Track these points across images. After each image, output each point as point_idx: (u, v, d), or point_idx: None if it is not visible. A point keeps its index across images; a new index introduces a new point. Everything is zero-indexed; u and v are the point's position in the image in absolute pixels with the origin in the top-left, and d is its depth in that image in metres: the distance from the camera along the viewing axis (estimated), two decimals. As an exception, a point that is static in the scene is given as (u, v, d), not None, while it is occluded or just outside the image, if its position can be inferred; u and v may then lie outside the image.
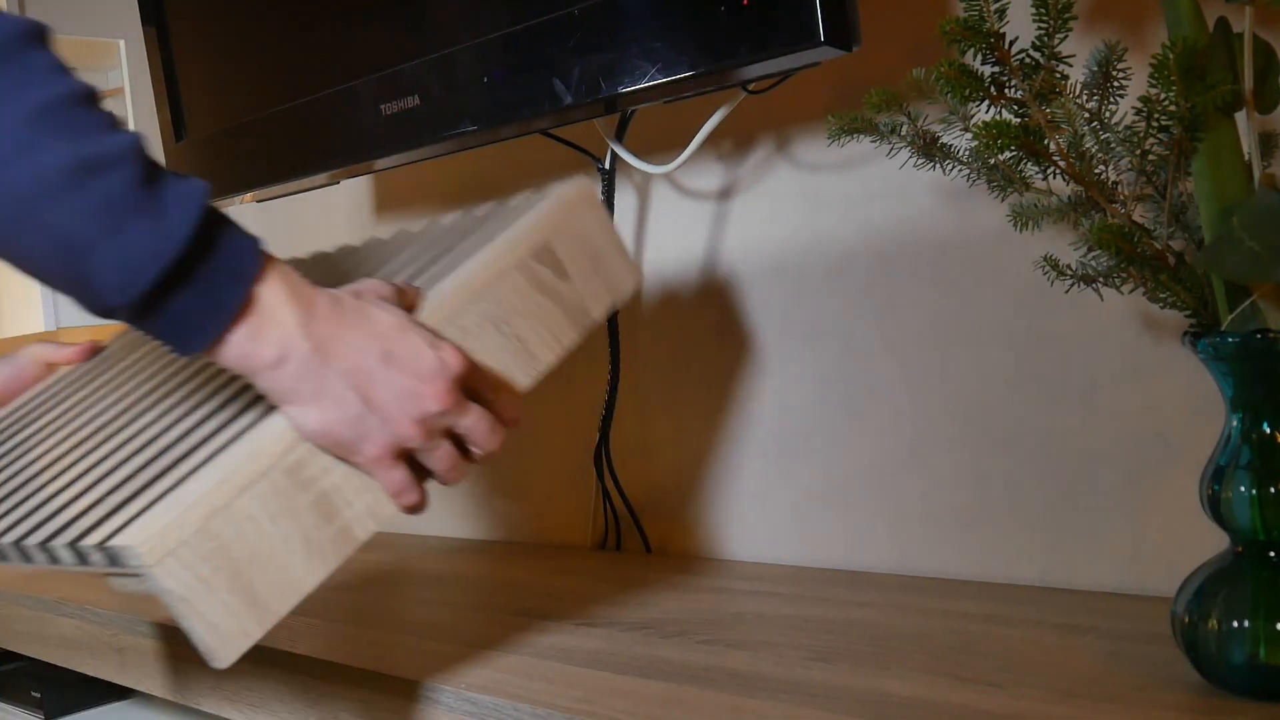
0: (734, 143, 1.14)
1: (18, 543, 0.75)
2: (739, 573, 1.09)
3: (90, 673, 1.19)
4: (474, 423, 0.72)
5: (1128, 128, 0.67)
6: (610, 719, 0.73)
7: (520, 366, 0.80)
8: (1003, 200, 0.76)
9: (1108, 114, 0.69)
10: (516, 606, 1.05)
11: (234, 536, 0.67)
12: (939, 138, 0.75)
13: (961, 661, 0.78)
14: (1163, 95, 0.63)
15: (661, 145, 1.15)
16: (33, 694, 1.37)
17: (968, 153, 0.74)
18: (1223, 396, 0.68)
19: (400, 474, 0.71)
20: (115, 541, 0.65)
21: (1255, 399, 0.66)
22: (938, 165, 0.76)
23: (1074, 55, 0.68)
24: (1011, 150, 0.68)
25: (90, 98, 0.60)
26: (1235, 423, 0.67)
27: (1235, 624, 0.65)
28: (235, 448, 0.70)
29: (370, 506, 0.72)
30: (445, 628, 0.98)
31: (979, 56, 0.68)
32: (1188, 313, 0.69)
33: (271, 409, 0.71)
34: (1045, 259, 0.74)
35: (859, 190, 1.05)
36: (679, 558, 1.21)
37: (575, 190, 0.86)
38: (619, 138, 1.13)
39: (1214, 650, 0.66)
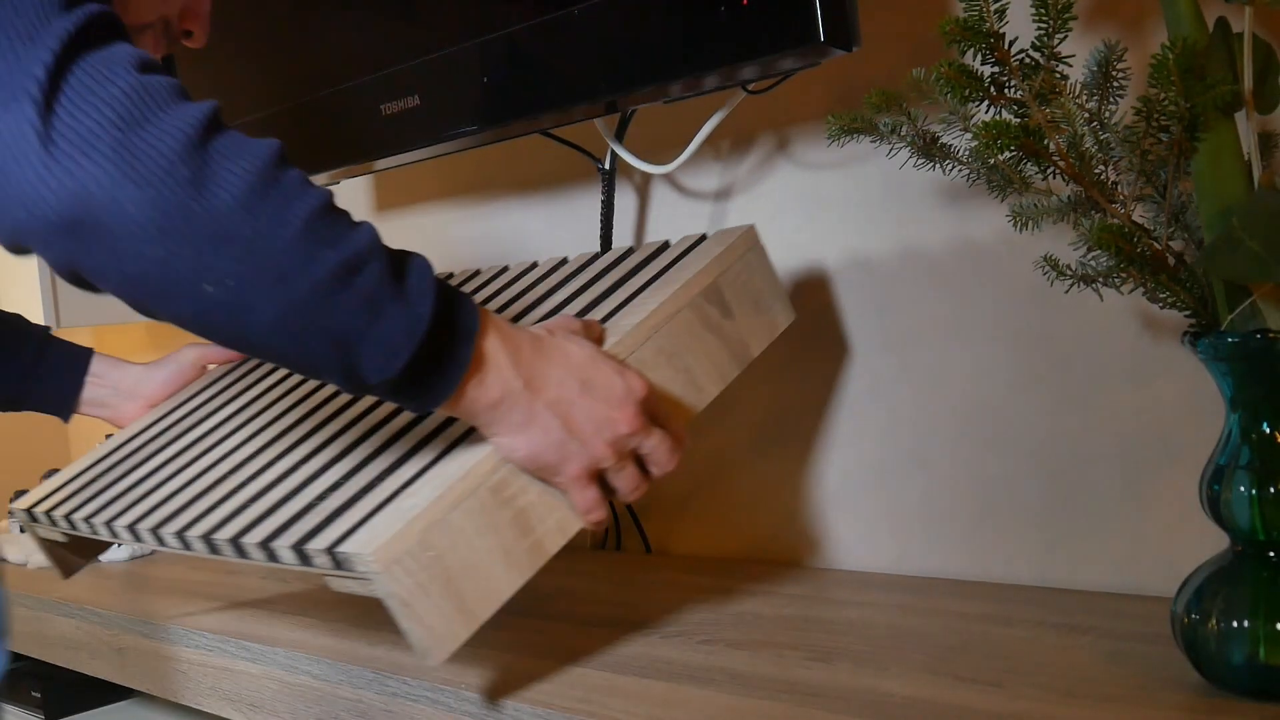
0: (734, 143, 1.14)
1: (234, 540, 0.82)
2: (739, 573, 1.09)
3: (90, 673, 1.19)
4: (657, 444, 0.78)
5: (1128, 128, 0.67)
6: (610, 719, 0.73)
7: (688, 397, 0.86)
8: (1002, 200, 0.76)
9: (1107, 114, 0.69)
10: (516, 607, 1.04)
11: (448, 548, 0.74)
12: (939, 138, 0.75)
13: (961, 661, 0.78)
14: (1162, 95, 0.63)
15: (661, 145, 1.15)
16: (33, 694, 1.37)
17: (968, 153, 0.74)
18: (1223, 396, 0.68)
19: (593, 492, 0.77)
20: (344, 549, 0.72)
21: (1255, 399, 0.66)
22: (938, 165, 0.76)
23: (1074, 55, 0.68)
24: (1011, 150, 0.68)
25: (332, 200, 0.65)
26: (1235, 423, 0.67)
27: (1235, 624, 0.65)
28: (443, 466, 0.77)
29: (560, 523, 0.78)
30: (445, 628, 0.98)
31: (979, 56, 0.68)
32: (1188, 313, 0.69)
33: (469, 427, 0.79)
34: (1045, 259, 0.74)
35: (859, 190, 1.05)
36: (679, 557, 1.21)
37: (741, 236, 0.92)
38: (619, 138, 1.13)
39: (1214, 650, 0.66)
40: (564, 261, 1.05)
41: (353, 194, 1.56)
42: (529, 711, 0.77)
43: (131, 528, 0.92)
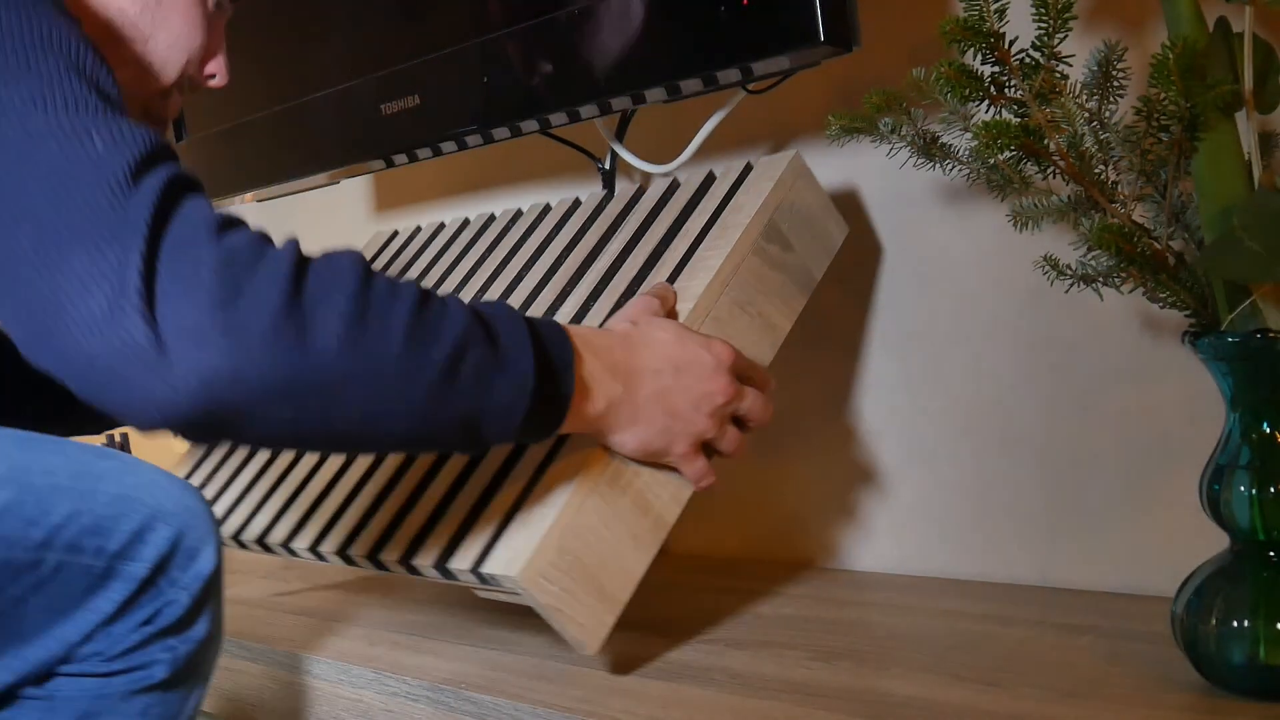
0: (734, 143, 1.14)
1: (371, 556, 0.87)
2: (739, 573, 1.09)
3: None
4: (751, 402, 0.81)
5: (1128, 127, 0.67)
6: (610, 719, 0.73)
7: (766, 340, 0.90)
8: (1002, 200, 0.76)
9: (1108, 114, 0.69)
10: (517, 607, 1.05)
11: (583, 548, 0.78)
12: (939, 138, 0.75)
13: (961, 661, 0.78)
14: (1163, 95, 0.63)
15: (661, 145, 1.15)
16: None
17: (968, 153, 0.74)
18: (1223, 396, 0.68)
19: (701, 462, 0.81)
20: (488, 569, 0.78)
21: (1255, 399, 0.66)
22: (938, 165, 0.76)
23: (1074, 55, 0.68)
24: (1011, 150, 0.68)
25: (418, 293, 0.67)
26: (1235, 423, 0.67)
27: (1235, 624, 0.65)
28: (557, 469, 0.81)
29: (674, 494, 0.82)
30: (446, 629, 0.98)
31: (979, 56, 0.68)
32: (1188, 313, 0.69)
33: None
34: (1045, 259, 0.74)
35: (858, 190, 1.05)
36: (679, 557, 1.21)
37: (788, 166, 0.92)
38: (619, 138, 1.13)
39: (1214, 650, 0.66)
40: (609, 197, 1.05)
41: (353, 194, 1.56)
42: (529, 711, 0.77)
43: (314, 549, 0.93)
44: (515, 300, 1.00)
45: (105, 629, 0.72)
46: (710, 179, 0.97)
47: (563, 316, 0.94)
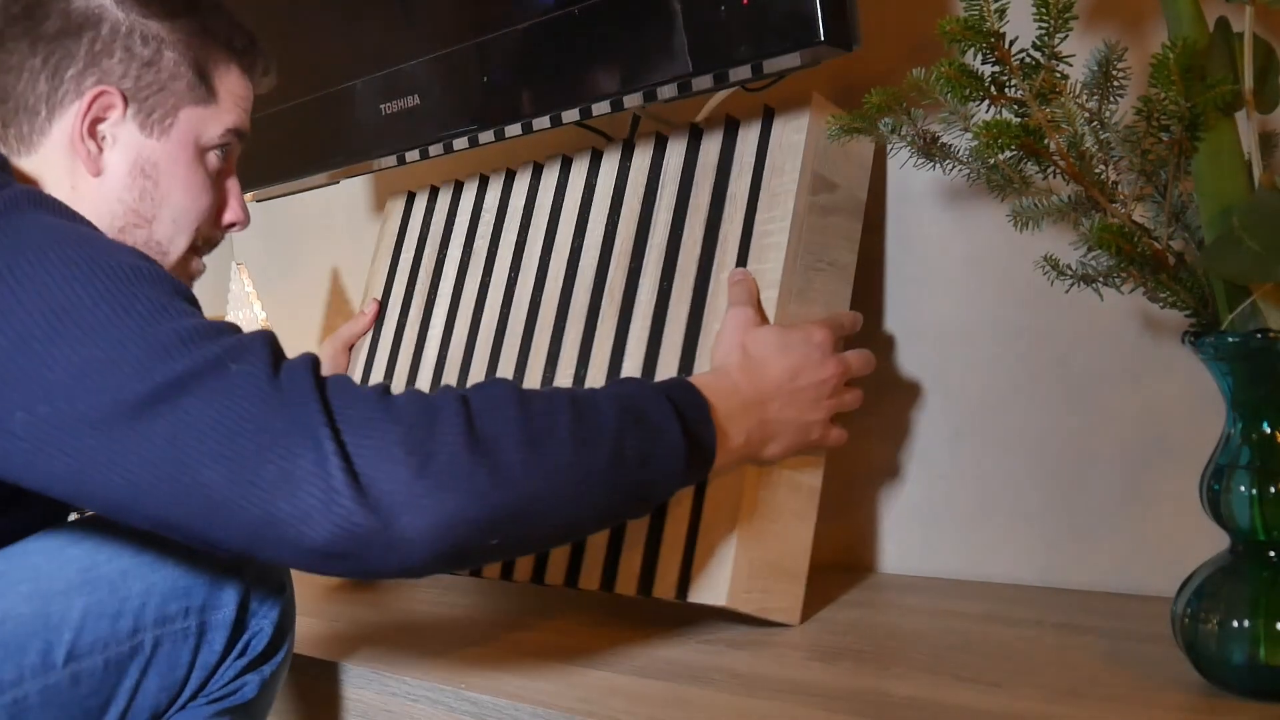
0: (734, 143, 1.14)
1: (567, 582, 0.93)
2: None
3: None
4: (854, 361, 0.89)
5: (1128, 127, 0.67)
6: (610, 719, 0.73)
7: (841, 282, 0.94)
8: (1002, 200, 0.76)
9: (1108, 114, 0.69)
10: (517, 607, 1.05)
11: (763, 551, 0.87)
12: (939, 138, 0.75)
13: (961, 661, 0.78)
14: (1163, 95, 0.63)
15: (661, 145, 1.14)
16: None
17: (968, 153, 0.73)
18: (1223, 396, 0.68)
19: (835, 432, 0.89)
20: (696, 599, 0.86)
21: (1255, 399, 0.66)
22: (938, 165, 0.76)
23: (1074, 55, 0.68)
24: (1011, 150, 0.68)
25: (571, 395, 0.73)
26: (1235, 423, 0.67)
27: (1235, 624, 0.65)
28: (712, 491, 0.87)
29: (813, 462, 0.91)
30: (446, 629, 0.98)
31: (979, 56, 0.68)
32: (1188, 313, 0.69)
33: None
34: (1045, 259, 0.74)
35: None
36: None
37: (813, 112, 0.93)
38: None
39: (1214, 650, 0.66)
40: (636, 124, 1.07)
41: (353, 194, 1.56)
42: (529, 711, 0.77)
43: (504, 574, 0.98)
44: (584, 281, 1.03)
45: (213, 676, 0.78)
46: (735, 125, 0.98)
47: (641, 305, 0.98)
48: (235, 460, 0.62)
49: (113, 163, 0.82)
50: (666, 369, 0.93)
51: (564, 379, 1.01)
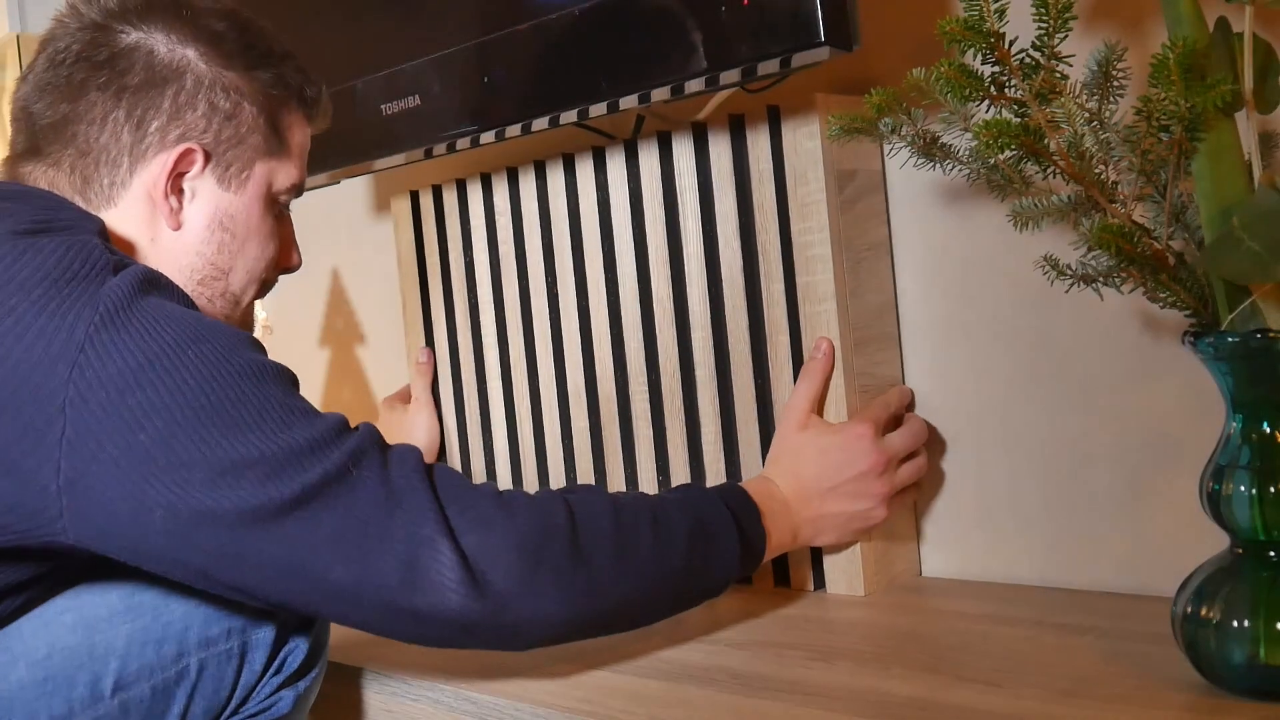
0: (734, 143, 1.14)
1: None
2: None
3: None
4: (899, 444, 0.94)
5: (1128, 127, 0.67)
6: (610, 719, 0.73)
7: (882, 260, 1.00)
8: (1003, 200, 0.76)
9: (1108, 114, 0.69)
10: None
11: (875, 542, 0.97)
12: (939, 138, 0.75)
13: (961, 661, 0.78)
14: (1163, 95, 0.63)
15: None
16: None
17: (968, 153, 0.73)
18: (1223, 396, 0.68)
19: (887, 510, 0.94)
20: (834, 591, 0.97)
21: (1255, 399, 0.66)
22: (938, 165, 0.76)
23: (1074, 55, 0.68)
24: (1011, 150, 0.68)
25: (650, 506, 0.82)
26: (1235, 423, 0.67)
27: (1235, 624, 0.65)
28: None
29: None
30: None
31: (979, 56, 0.68)
32: (1188, 313, 0.69)
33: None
34: (1045, 259, 0.74)
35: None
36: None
37: (819, 115, 0.94)
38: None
39: (1214, 650, 0.66)
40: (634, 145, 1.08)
41: (353, 194, 1.56)
42: (529, 711, 0.77)
43: None
44: (628, 290, 1.07)
45: (252, 694, 0.80)
46: (739, 124, 0.99)
47: (696, 315, 1.03)
48: (361, 562, 0.69)
49: (192, 216, 0.83)
50: (740, 377, 1.01)
51: (637, 388, 1.07)
